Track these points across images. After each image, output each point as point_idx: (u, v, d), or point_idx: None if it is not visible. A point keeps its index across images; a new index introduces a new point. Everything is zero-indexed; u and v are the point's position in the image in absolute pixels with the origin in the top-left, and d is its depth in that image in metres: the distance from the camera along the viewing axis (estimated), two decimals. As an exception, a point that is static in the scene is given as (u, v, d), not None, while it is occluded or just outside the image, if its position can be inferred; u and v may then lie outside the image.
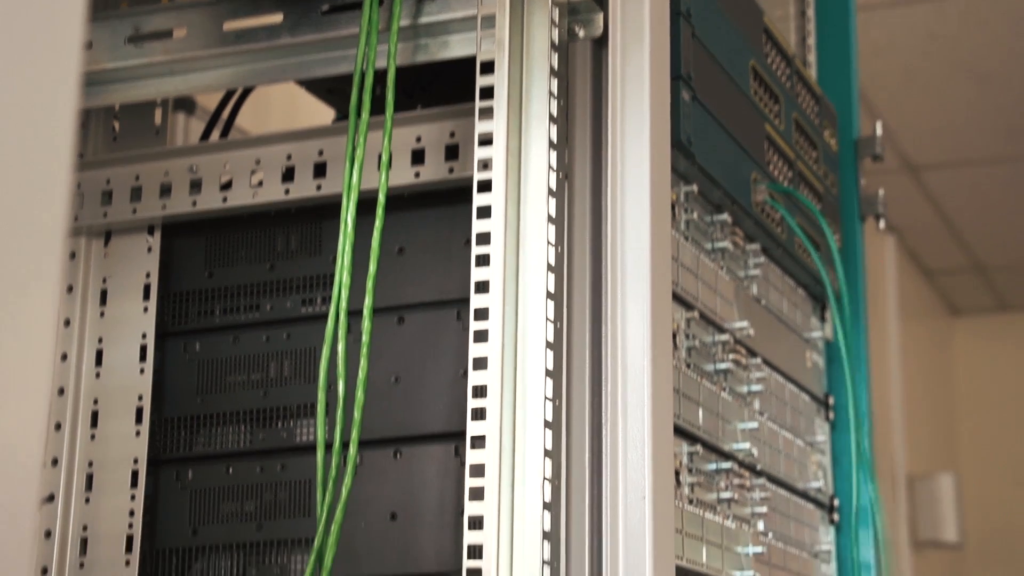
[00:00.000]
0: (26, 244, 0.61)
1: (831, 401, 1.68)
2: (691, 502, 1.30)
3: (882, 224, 1.77)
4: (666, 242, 1.22)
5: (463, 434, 1.15)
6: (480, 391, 1.14)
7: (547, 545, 1.11)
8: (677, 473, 1.27)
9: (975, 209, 4.50)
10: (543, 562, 1.10)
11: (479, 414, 1.14)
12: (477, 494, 1.12)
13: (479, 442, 1.13)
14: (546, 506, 1.11)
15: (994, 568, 5.08)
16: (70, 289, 1.33)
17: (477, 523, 1.11)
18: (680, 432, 1.29)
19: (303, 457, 1.26)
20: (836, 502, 1.64)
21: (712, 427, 1.36)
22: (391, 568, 1.20)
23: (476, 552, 1.11)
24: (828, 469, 1.66)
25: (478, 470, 1.12)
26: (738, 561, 1.38)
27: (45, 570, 1.27)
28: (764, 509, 1.44)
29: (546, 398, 1.13)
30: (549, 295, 1.15)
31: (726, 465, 1.37)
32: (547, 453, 1.12)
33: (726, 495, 1.36)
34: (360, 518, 1.22)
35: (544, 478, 1.11)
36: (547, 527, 1.11)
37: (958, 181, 4.31)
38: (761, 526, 1.44)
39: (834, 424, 1.68)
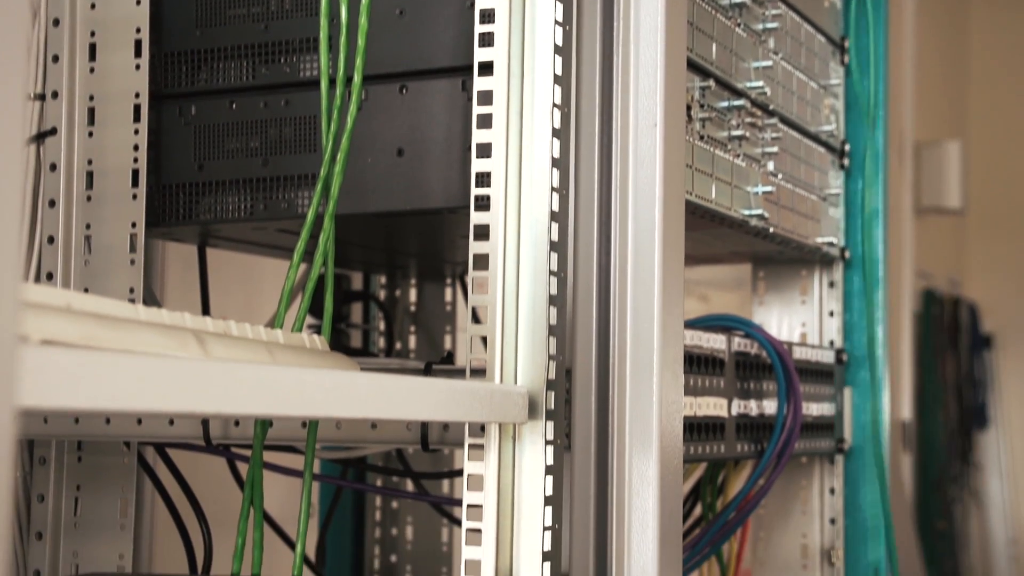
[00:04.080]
0: None
1: (847, 45, 1.64)
2: (702, 138, 1.28)
3: None
4: None
5: (471, 68, 1.12)
6: (487, 15, 1.10)
7: (555, 172, 1.09)
8: (688, 108, 1.25)
9: None
10: (552, 189, 1.09)
11: (486, 39, 1.10)
12: (485, 121, 1.10)
13: (487, 69, 1.10)
14: (555, 133, 1.09)
15: (993, 233, 5.15)
16: (58, -85, 1.27)
17: (485, 151, 1.10)
18: (693, 66, 1.26)
19: (308, 92, 1.23)
20: (847, 147, 1.62)
21: (725, 63, 1.33)
22: (398, 203, 1.20)
23: (484, 180, 1.10)
24: (841, 113, 1.63)
25: (485, 97, 1.10)
26: (747, 200, 1.37)
27: (52, 202, 1.26)
28: (775, 149, 1.42)
29: (556, 22, 1.09)
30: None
31: (738, 103, 1.35)
32: (556, 79, 1.09)
33: (737, 133, 1.34)
34: (367, 154, 1.20)
35: (552, 104, 1.09)
36: (556, 153, 1.09)
37: None
38: (771, 166, 1.43)
39: (848, 68, 1.64)
